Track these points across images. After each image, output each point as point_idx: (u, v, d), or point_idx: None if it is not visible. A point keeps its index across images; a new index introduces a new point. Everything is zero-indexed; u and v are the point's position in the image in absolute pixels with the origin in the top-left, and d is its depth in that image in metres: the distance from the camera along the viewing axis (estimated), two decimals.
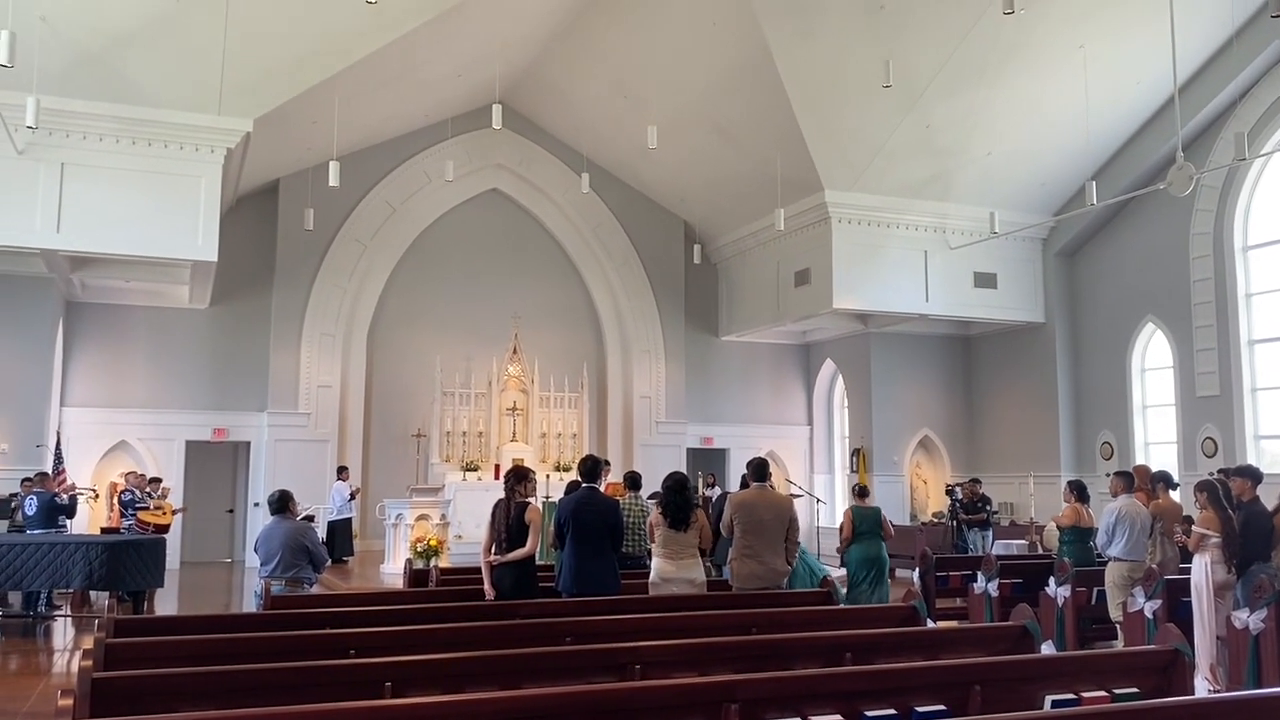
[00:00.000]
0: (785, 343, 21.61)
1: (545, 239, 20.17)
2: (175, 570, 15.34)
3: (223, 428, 17.78)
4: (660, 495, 7.61)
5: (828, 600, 7.05)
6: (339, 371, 18.29)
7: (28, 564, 10.83)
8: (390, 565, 13.96)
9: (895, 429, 19.84)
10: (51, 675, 8.79)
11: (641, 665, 4.74)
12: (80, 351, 16.99)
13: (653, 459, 18.66)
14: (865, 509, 10.30)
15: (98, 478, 16.56)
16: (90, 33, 12.16)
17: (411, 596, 7.79)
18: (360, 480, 17.80)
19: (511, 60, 16.59)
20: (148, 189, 13.51)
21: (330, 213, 17.79)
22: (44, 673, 9.06)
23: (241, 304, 17.92)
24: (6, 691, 7.87)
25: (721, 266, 21.04)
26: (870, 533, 10.13)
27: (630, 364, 20.23)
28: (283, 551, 7.56)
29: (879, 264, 17.56)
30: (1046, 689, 4.57)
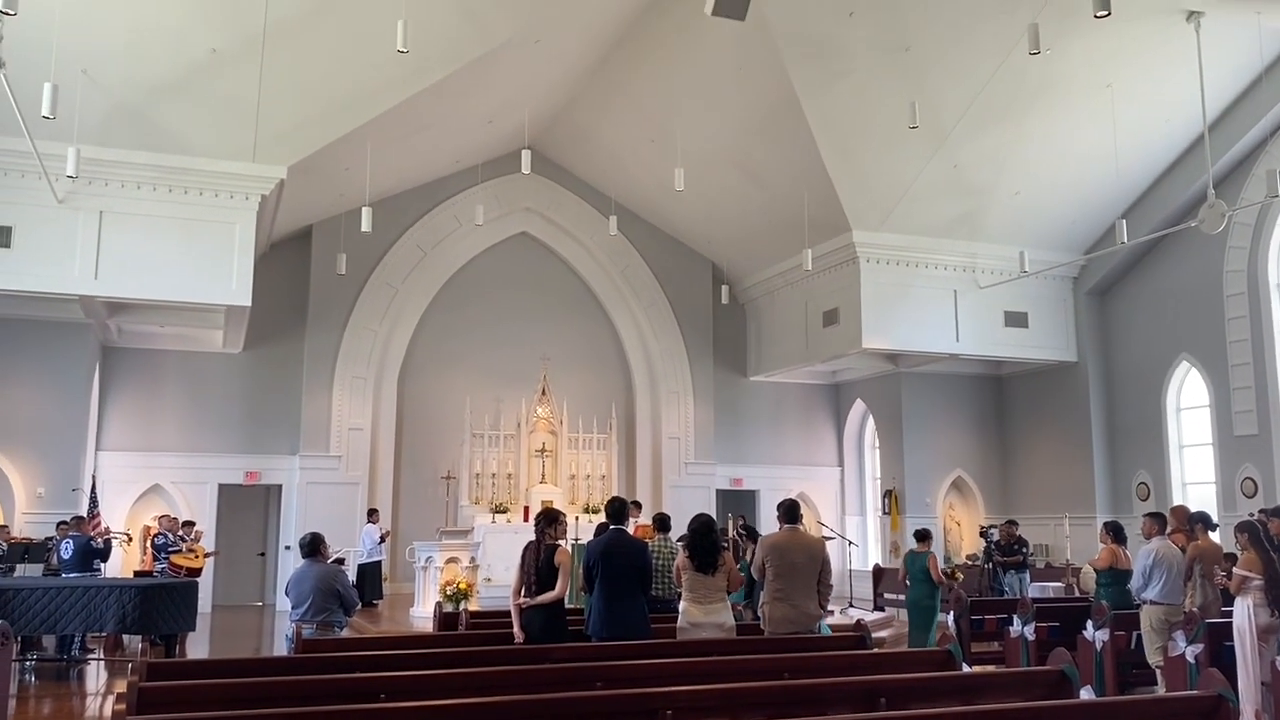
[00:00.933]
0: (815, 383, 21.54)
1: (574, 281, 20.29)
2: (207, 614, 15.40)
3: (255, 471, 17.91)
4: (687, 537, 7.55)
5: (861, 645, 6.94)
6: (370, 414, 18.41)
7: (62, 607, 10.90)
8: (420, 608, 13.93)
9: (927, 470, 19.66)
10: (84, 719, 8.80)
11: (673, 710, 4.70)
12: (116, 396, 17.21)
13: (682, 500, 18.57)
14: (915, 554, 10.45)
15: (131, 521, 16.72)
16: (129, 84, 12.46)
17: (441, 640, 7.76)
18: (390, 523, 17.83)
19: (540, 106, 16.80)
20: (183, 235, 13.76)
21: (362, 257, 18.01)
22: (77, 717, 9.09)
23: (275, 348, 18.12)
24: None
25: (749, 307, 21.05)
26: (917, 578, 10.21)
27: (659, 405, 20.22)
28: (314, 595, 7.56)
29: (908, 303, 17.51)
30: None
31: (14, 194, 13.14)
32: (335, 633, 7.63)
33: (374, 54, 12.47)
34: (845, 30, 13.55)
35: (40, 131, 11.41)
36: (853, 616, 14.04)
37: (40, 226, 13.22)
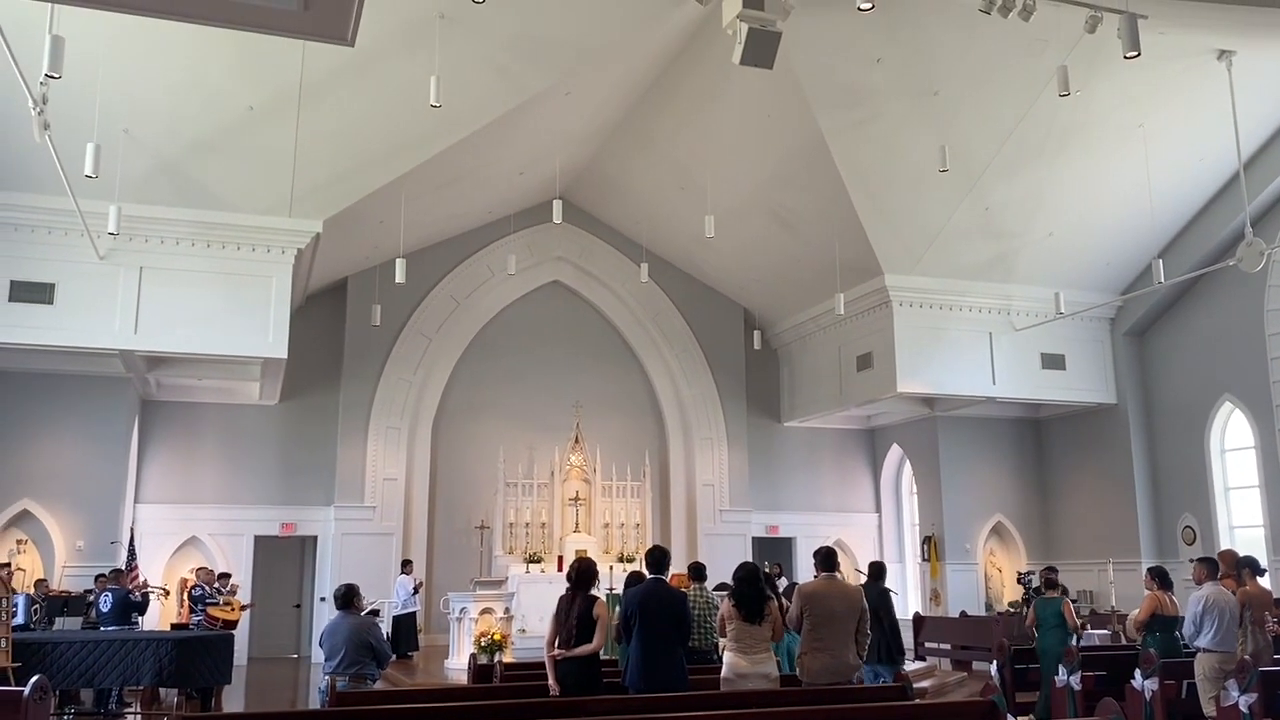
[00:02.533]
0: (850, 428, 21.37)
1: (605, 328, 20.35)
2: (242, 666, 15.37)
3: (291, 522, 17.97)
4: (729, 586, 7.45)
5: (903, 695, 6.80)
6: (404, 464, 18.45)
7: (99, 661, 10.93)
8: (455, 660, 13.83)
9: (966, 515, 19.38)
10: None
11: None
12: (154, 449, 17.39)
13: (717, 548, 18.41)
14: (1047, 600, 10.46)
15: (169, 574, 16.79)
16: (169, 142, 12.74)
17: (476, 692, 7.69)
18: (424, 573, 17.78)
19: (570, 156, 16.98)
20: (221, 290, 13.97)
21: (396, 308, 18.17)
22: None
23: (310, 399, 18.26)
24: None
25: (782, 352, 20.99)
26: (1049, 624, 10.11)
27: (692, 451, 20.12)
28: (346, 647, 7.52)
29: (943, 347, 17.38)
30: None
31: (57, 251, 13.42)
32: (368, 685, 7.58)
33: (407, 109, 12.67)
34: (872, 76, 13.62)
35: (82, 190, 11.69)
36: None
37: (82, 282, 13.47)
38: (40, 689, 7.35)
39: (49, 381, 15.15)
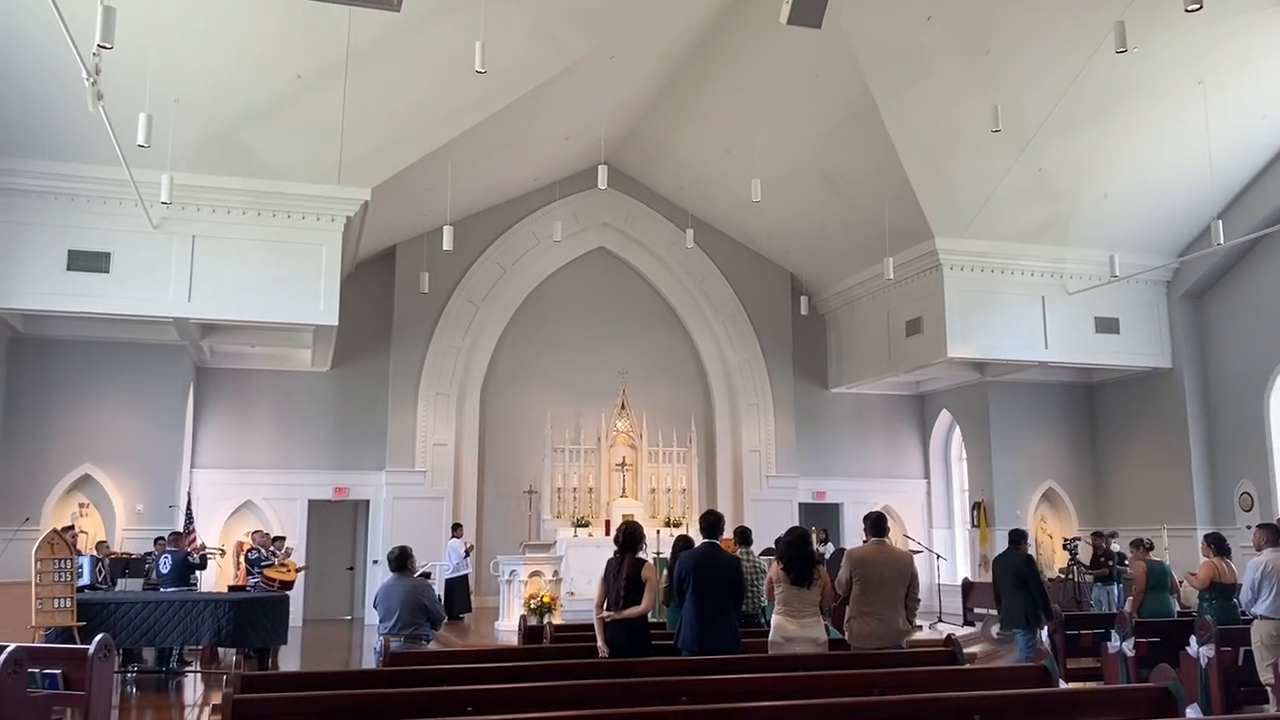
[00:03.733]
0: (898, 393, 21.20)
1: (651, 295, 20.32)
2: (297, 627, 15.70)
3: (343, 486, 18.26)
4: (777, 551, 7.46)
5: (952, 660, 6.77)
6: (453, 429, 18.64)
7: (160, 621, 11.24)
8: (505, 622, 14.02)
9: (1017, 481, 19.19)
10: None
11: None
12: (209, 415, 17.72)
13: (763, 514, 18.43)
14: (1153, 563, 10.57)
15: (225, 537, 17.17)
16: (219, 112, 12.86)
17: (526, 653, 7.79)
18: (474, 537, 18.01)
19: (616, 121, 16.89)
20: (272, 258, 14.14)
21: (444, 275, 18.29)
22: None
23: (361, 366, 18.48)
24: None
25: (830, 317, 20.83)
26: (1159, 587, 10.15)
27: (738, 417, 20.09)
28: (401, 609, 7.63)
29: (994, 311, 17.14)
30: None
31: (112, 220, 13.65)
32: (422, 646, 7.70)
33: (453, 76, 12.67)
34: (923, 35, 13.36)
35: (136, 160, 11.86)
36: (942, 632, 13.73)
37: (137, 251, 13.71)
38: (105, 647, 7.59)
39: (107, 349, 15.47)
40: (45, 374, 15.18)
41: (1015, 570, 9.80)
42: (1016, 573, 9.77)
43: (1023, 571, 9.73)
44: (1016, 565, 9.83)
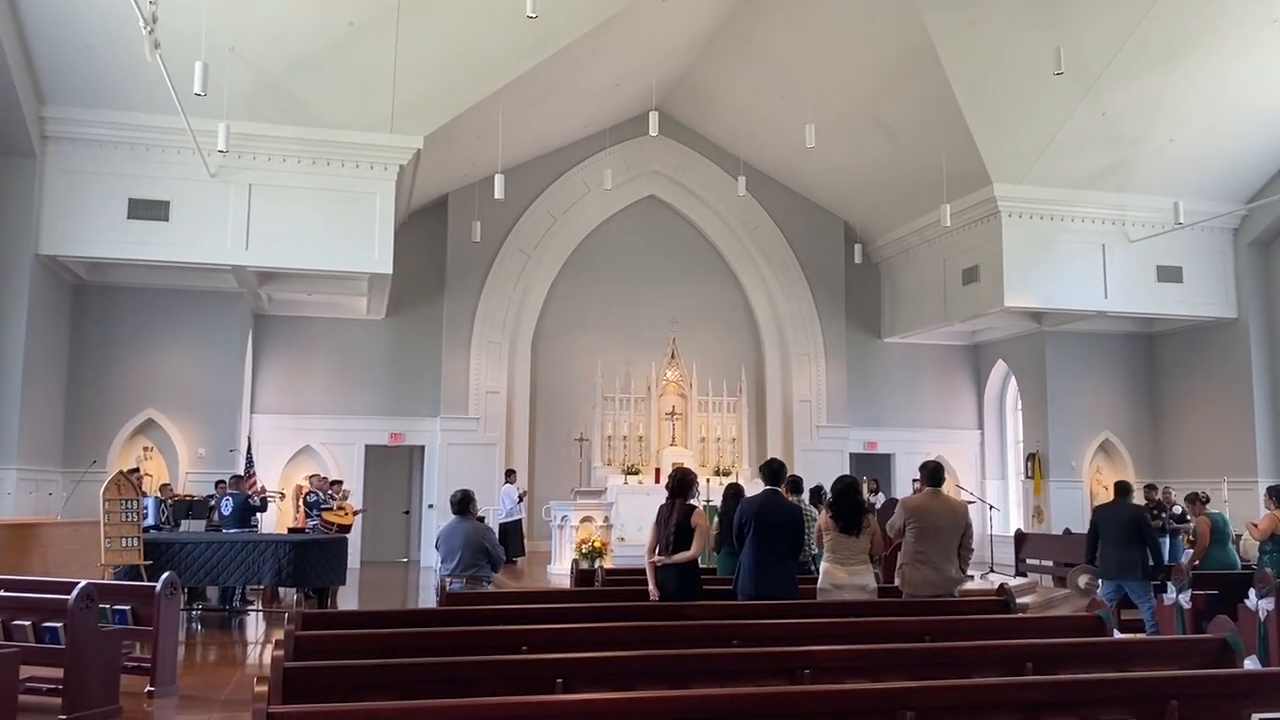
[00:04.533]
0: (953, 343, 20.95)
1: (702, 243, 20.20)
2: (355, 569, 16.06)
3: (399, 432, 18.55)
4: (827, 499, 7.47)
5: (1005, 609, 6.75)
6: (506, 377, 18.81)
7: (223, 561, 11.57)
8: (557, 566, 14.23)
9: (1073, 432, 18.94)
10: (245, 666, 9.33)
11: (811, 670, 4.66)
12: (268, 361, 18.05)
13: (813, 464, 18.39)
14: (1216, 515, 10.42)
15: (284, 480, 17.56)
16: (273, 60, 12.93)
17: (579, 596, 7.91)
18: (526, 483, 18.23)
19: (667, 67, 16.70)
20: (327, 206, 14.27)
21: (496, 224, 18.34)
22: (239, 663, 9.63)
23: (415, 314, 18.67)
24: (206, 680, 8.41)
25: (884, 266, 20.58)
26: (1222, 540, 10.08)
27: (789, 367, 20.01)
28: (463, 550, 7.76)
29: (1053, 259, 16.81)
30: (1253, 706, 4.24)
31: (171, 169, 13.87)
32: (483, 587, 7.84)
33: (504, 22, 12.59)
34: None
35: (193, 108, 11.99)
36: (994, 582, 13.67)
37: (195, 200, 13.92)
38: (171, 585, 7.84)
39: (168, 296, 15.76)
40: (109, 321, 15.53)
41: (1131, 521, 9.59)
42: (1133, 523, 9.57)
43: (1140, 523, 9.57)
44: (1133, 516, 9.64)
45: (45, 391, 14.37)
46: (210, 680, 8.42)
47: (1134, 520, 9.57)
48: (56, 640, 6.76)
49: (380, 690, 4.09)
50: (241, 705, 7.17)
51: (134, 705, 7.12)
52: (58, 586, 7.44)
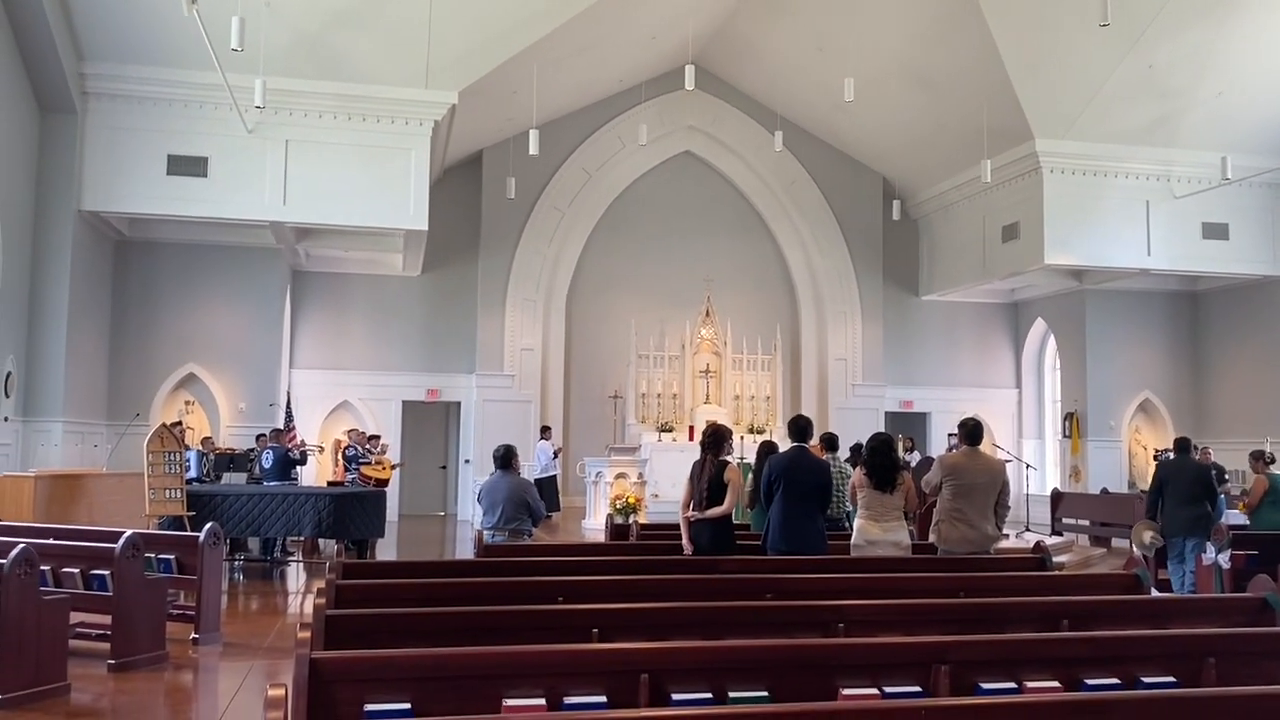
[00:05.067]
0: (991, 301, 20.73)
1: (737, 200, 20.06)
2: (394, 522, 16.28)
3: (435, 388, 18.71)
4: (861, 456, 7.45)
5: (1041, 567, 6.72)
6: (540, 335, 18.88)
7: (264, 512, 11.77)
8: (591, 521, 14.36)
9: (1112, 392, 18.73)
10: (287, 615, 9.52)
11: (846, 624, 4.67)
12: (306, 317, 18.22)
13: (849, 422, 18.28)
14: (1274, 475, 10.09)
15: (323, 435, 17.79)
16: (309, 15, 12.92)
17: (614, 549, 7.97)
18: (560, 440, 18.36)
19: (703, 18, 16.48)
20: (363, 162, 14.31)
21: (530, 181, 18.30)
22: (280, 612, 9.83)
23: (450, 271, 18.73)
24: (249, 628, 8.59)
25: (922, 222, 20.34)
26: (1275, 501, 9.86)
27: (825, 325, 19.91)
28: (505, 504, 7.83)
29: (1095, 216, 16.54)
30: None
31: (209, 125, 13.95)
32: (523, 540, 7.92)
33: None
34: None
35: (230, 64, 12.03)
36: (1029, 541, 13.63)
37: (233, 156, 14.01)
38: (214, 535, 7.99)
39: (208, 252, 15.91)
40: (150, 276, 15.72)
41: (1198, 477, 9.48)
42: (1200, 480, 9.46)
43: (1207, 479, 9.47)
44: (1200, 472, 9.52)
45: (89, 346, 14.61)
46: (253, 628, 8.61)
47: (1201, 476, 9.47)
48: (104, 588, 6.92)
49: (419, 638, 4.15)
50: (283, 652, 7.32)
51: (179, 651, 7.30)
52: (104, 535, 7.61)
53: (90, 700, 6.04)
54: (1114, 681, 3.96)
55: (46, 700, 5.84)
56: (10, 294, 12.82)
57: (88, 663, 6.63)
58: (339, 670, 3.28)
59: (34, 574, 5.99)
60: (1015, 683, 3.87)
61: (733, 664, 3.64)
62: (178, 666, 7.01)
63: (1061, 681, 3.90)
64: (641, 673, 3.47)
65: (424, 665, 3.45)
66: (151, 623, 7.01)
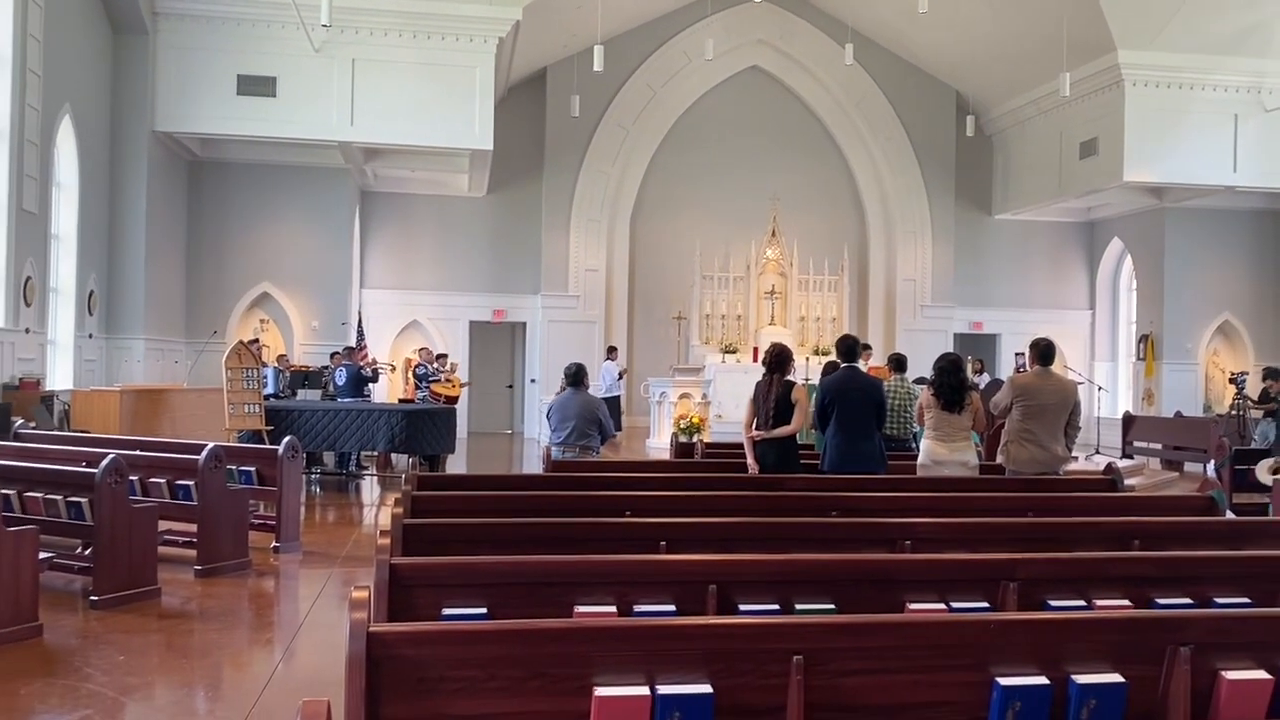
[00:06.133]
0: (1067, 220, 20.19)
1: (806, 116, 19.66)
2: (462, 439, 16.57)
3: (501, 309, 18.88)
4: (930, 377, 7.38)
5: (1112, 488, 6.65)
6: (604, 255, 18.87)
7: (339, 428, 12.09)
8: (655, 440, 14.49)
9: (1190, 313, 18.23)
10: (362, 526, 9.83)
11: (912, 541, 4.69)
12: (374, 237, 18.43)
13: (916, 344, 18.07)
14: None
15: (394, 353, 18.11)
16: None
17: (679, 467, 8.06)
18: (625, 360, 18.45)
19: None
20: (429, 81, 14.31)
21: (594, 99, 18.11)
22: (356, 523, 10.15)
23: (515, 191, 18.74)
24: (327, 538, 8.89)
25: (997, 139, 19.77)
26: None
27: (894, 245, 19.59)
28: (577, 420, 7.93)
29: (1179, 131, 15.93)
30: None
31: (277, 45, 14.02)
32: (592, 456, 8.03)
33: None
34: None
35: None
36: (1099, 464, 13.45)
37: (300, 76, 14.09)
38: (292, 448, 8.23)
39: (278, 173, 16.11)
40: (223, 197, 15.98)
41: None
42: None
43: None
44: None
45: (166, 265, 14.98)
46: (330, 538, 8.91)
47: None
48: (189, 497, 7.20)
49: (491, 547, 4.27)
50: (360, 561, 7.58)
51: (261, 559, 7.59)
52: (188, 448, 7.88)
53: (179, 603, 6.33)
54: (1186, 601, 3.93)
55: (139, 603, 6.13)
56: (90, 214, 13.15)
57: (176, 568, 6.94)
58: (417, 574, 3.40)
59: (124, 483, 6.24)
60: (1084, 601, 3.86)
61: (799, 577, 3.68)
62: (260, 573, 7.30)
63: (1132, 601, 3.88)
64: (709, 583, 3.53)
65: (499, 571, 3.55)
66: (234, 531, 7.29)
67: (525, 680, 2.60)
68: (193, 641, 5.64)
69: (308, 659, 5.36)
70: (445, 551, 4.17)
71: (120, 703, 4.46)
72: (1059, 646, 2.86)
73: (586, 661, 2.62)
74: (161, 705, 4.51)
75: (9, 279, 10.89)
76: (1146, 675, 2.88)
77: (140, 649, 5.33)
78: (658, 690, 2.59)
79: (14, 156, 10.92)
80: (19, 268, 11.06)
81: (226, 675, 5.08)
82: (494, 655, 2.59)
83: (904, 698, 2.78)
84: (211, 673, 5.10)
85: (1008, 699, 2.74)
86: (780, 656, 2.68)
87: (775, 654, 2.69)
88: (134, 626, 5.71)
